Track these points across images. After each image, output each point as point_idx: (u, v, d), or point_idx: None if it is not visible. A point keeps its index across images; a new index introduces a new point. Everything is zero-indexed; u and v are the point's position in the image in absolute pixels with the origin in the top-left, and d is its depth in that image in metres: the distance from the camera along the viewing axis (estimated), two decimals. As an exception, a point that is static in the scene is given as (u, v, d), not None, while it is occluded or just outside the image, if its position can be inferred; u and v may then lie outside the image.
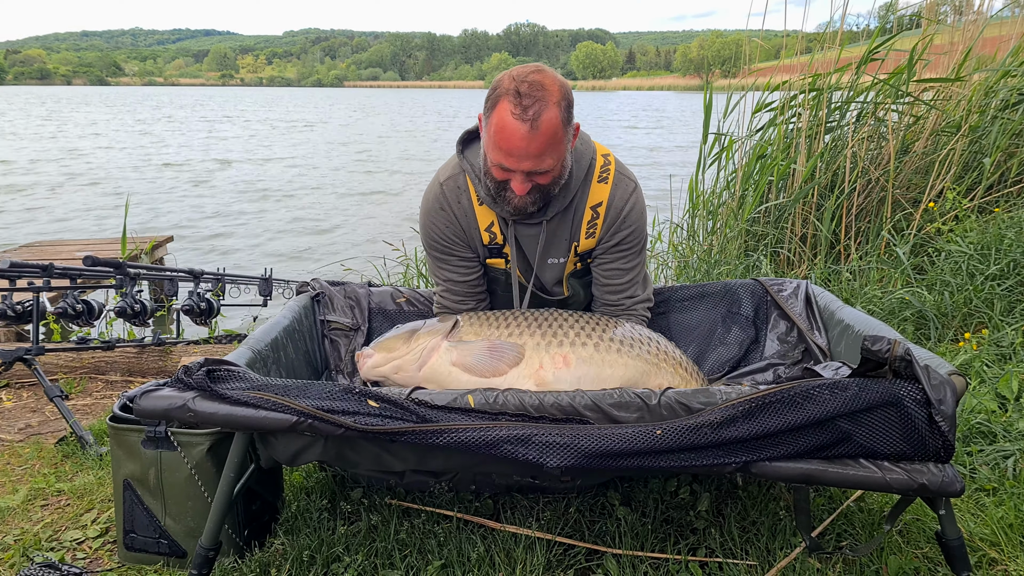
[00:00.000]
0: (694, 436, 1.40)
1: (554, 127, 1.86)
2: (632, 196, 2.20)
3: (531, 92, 1.84)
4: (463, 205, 2.19)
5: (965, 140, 4.46)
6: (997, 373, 2.82)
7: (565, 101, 1.90)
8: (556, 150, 1.91)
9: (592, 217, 2.18)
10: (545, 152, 1.89)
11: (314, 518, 2.09)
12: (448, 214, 2.20)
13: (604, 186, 2.17)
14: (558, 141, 1.90)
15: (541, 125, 1.84)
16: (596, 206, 2.17)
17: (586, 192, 2.16)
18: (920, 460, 1.46)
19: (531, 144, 1.85)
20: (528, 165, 1.90)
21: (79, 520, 2.26)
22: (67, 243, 8.39)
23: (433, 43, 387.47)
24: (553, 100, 1.86)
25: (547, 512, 2.14)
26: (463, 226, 2.21)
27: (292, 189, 16.14)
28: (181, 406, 1.47)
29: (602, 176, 2.17)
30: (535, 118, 1.83)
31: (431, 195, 2.24)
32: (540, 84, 1.86)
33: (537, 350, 1.94)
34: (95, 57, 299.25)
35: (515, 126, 1.84)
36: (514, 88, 1.85)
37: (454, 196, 2.19)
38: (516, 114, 1.83)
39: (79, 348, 3.56)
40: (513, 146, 1.86)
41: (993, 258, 3.61)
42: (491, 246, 2.23)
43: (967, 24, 5.07)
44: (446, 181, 2.21)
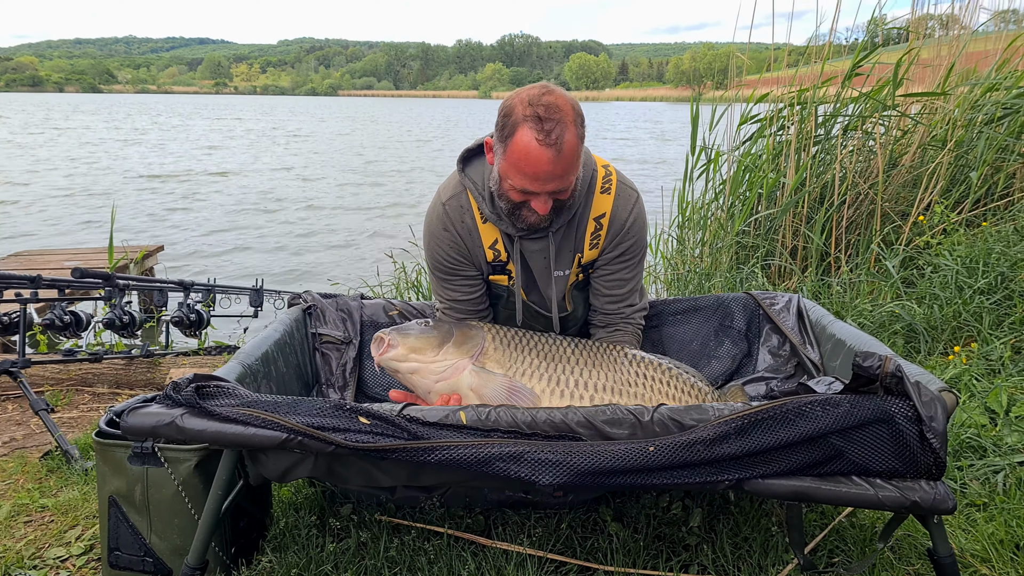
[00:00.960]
0: (687, 453, 1.39)
1: (575, 147, 1.91)
2: (634, 207, 2.22)
3: (550, 116, 1.86)
4: (467, 224, 2.20)
5: (951, 154, 4.49)
6: (986, 387, 2.83)
7: (579, 118, 1.94)
8: (576, 168, 1.96)
9: (596, 228, 2.20)
10: (568, 173, 1.93)
11: (303, 535, 2.07)
12: (452, 234, 2.21)
13: (607, 197, 2.19)
14: (577, 159, 1.94)
15: (564, 147, 1.87)
16: (599, 217, 2.19)
17: (589, 204, 2.18)
18: (912, 477, 1.46)
19: (556, 167, 1.89)
20: (553, 186, 1.93)
21: (63, 537, 2.23)
22: (55, 252, 8.33)
23: (427, 53, 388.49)
24: (570, 120, 1.89)
25: (538, 528, 2.12)
26: (467, 245, 2.22)
27: (286, 198, 16.12)
28: (169, 423, 1.45)
29: (604, 187, 2.19)
30: (558, 141, 1.86)
31: (434, 215, 2.24)
32: (556, 106, 1.88)
33: (542, 397, 1.99)
34: (88, 65, 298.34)
35: (540, 152, 1.86)
36: (533, 113, 1.86)
37: (457, 216, 2.20)
38: (540, 140, 1.85)
39: (66, 360, 3.53)
40: (540, 171, 1.89)
41: (981, 272, 3.63)
42: (494, 263, 2.23)
43: (952, 39, 5.12)
44: (448, 201, 2.21)
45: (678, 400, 2.08)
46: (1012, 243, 3.83)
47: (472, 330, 2.08)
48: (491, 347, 2.05)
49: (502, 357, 2.03)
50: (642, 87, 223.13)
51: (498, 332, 2.11)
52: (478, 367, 1.99)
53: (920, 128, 4.81)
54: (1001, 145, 4.49)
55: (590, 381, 2.02)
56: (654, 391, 2.06)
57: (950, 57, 4.92)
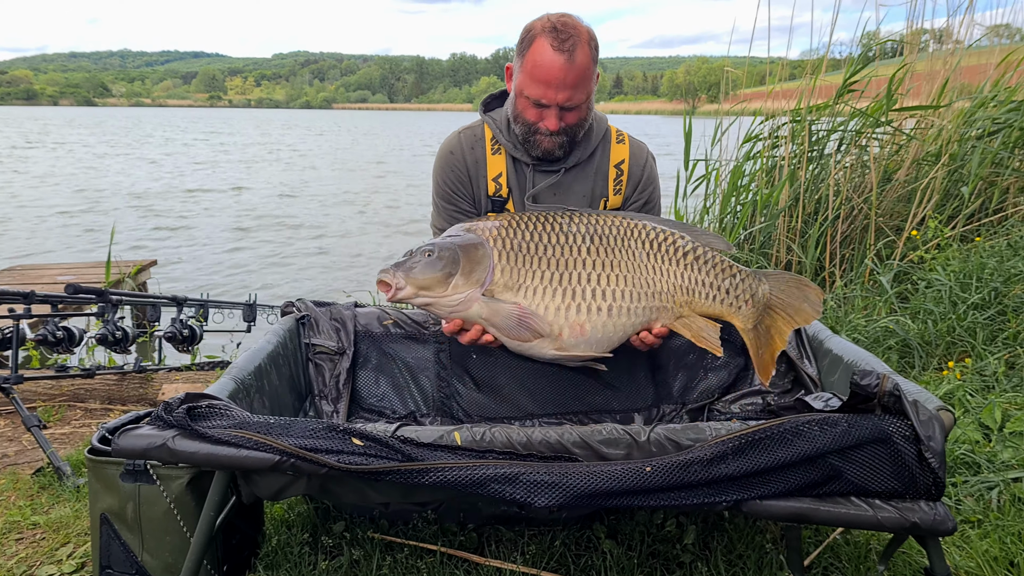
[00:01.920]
0: (684, 473, 1.39)
1: (587, 62, 2.05)
2: (648, 157, 2.39)
3: (566, 30, 2.02)
4: (475, 152, 2.31)
5: (945, 169, 4.51)
6: (981, 403, 2.83)
7: (594, 41, 2.09)
8: (587, 86, 2.08)
9: (617, 175, 2.33)
10: (580, 84, 2.05)
11: (295, 552, 2.05)
12: (457, 158, 2.32)
13: (623, 146, 2.34)
14: (589, 78, 2.08)
15: (577, 58, 2.01)
16: (619, 164, 2.33)
17: (607, 152, 2.32)
18: (911, 498, 1.44)
19: (568, 75, 2.02)
20: (564, 96, 2.05)
21: (54, 555, 2.21)
22: (49, 267, 8.31)
23: (422, 66, 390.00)
24: (585, 40, 2.05)
25: (532, 546, 2.11)
26: (470, 174, 2.31)
27: (279, 212, 16.12)
28: (160, 446, 1.44)
29: (619, 138, 2.35)
30: (572, 50, 2.00)
31: (447, 141, 2.37)
32: (573, 25, 2.05)
33: (558, 315, 2.00)
34: (82, 78, 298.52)
35: (554, 57, 2.00)
36: (550, 26, 2.02)
37: (468, 143, 2.32)
38: (555, 46, 2.00)
39: (58, 376, 3.50)
40: (552, 76, 2.02)
41: (975, 287, 3.64)
42: (495, 198, 2.30)
43: (946, 53, 5.15)
44: (463, 131, 2.36)
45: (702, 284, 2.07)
46: (1005, 258, 3.85)
47: (478, 250, 2.01)
48: (499, 269, 2.03)
49: (511, 280, 2.02)
50: (636, 100, 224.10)
51: (505, 245, 2.04)
52: (487, 298, 2.01)
53: (914, 143, 4.84)
54: (995, 160, 4.52)
55: (607, 289, 2.02)
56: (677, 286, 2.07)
57: (944, 71, 4.96)
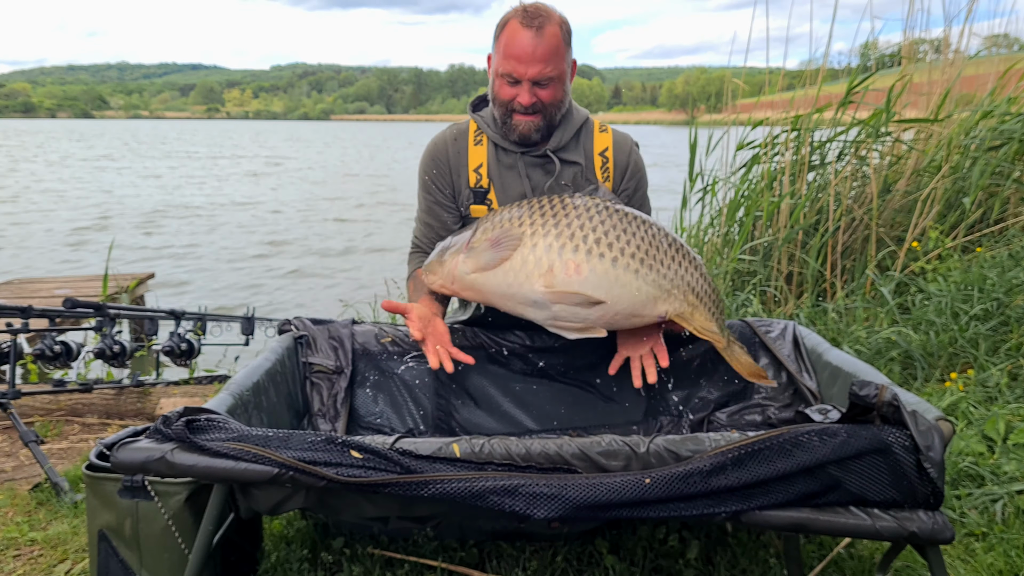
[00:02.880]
0: (683, 485, 1.37)
1: (557, 38, 2.13)
2: (633, 146, 2.44)
3: (536, 11, 2.14)
4: (458, 143, 2.38)
5: (947, 180, 4.51)
6: (984, 414, 2.82)
7: (565, 26, 2.18)
8: (559, 61, 2.15)
9: (603, 163, 2.39)
10: (550, 59, 2.13)
11: (294, 569, 2.03)
12: (440, 149, 2.40)
13: (606, 135, 2.41)
14: (560, 55, 2.15)
15: (545, 33, 2.11)
16: (603, 151, 2.39)
17: (590, 139, 2.39)
18: (910, 507, 1.44)
19: (538, 48, 2.10)
20: (535, 71, 2.12)
21: (52, 572, 2.19)
22: (46, 280, 8.30)
23: (420, 77, 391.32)
24: (556, 20, 2.14)
25: (533, 561, 2.09)
26: (451, 164, 2.38)
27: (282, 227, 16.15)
28: (159, 459, 1.43)
29: (602, 128, 2.43)
30: (540, 26, 2.10)
31: (433, 139, 2.45)
32: (543, 7, 2.17)
33: (549, 251, 1.95)
34: (80, 91, 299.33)
35: (522, 33, 2.10)
36: (521, 9, 2.15)
37: (451, 136, 2.41)
38: (524, 23, 2.11)
39: (56, 391, 3.48)
40: (522, 51, 2.11)
41: (976, 298, 3.63)
42: (476, 189, 2.37)
43: (945, 64, 5.16)
44: (451, 127, 2.45)
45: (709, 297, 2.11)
46: (1007, 268, 3.84)
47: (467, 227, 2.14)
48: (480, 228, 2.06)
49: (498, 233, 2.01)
50: (636, 111, 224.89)
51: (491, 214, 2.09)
52: (467, 252, 2.03)
53: (914, 154, 4.84)
54: (995, 170, 4.52)
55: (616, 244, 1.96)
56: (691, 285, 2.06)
57: (943, 82, 4.96)
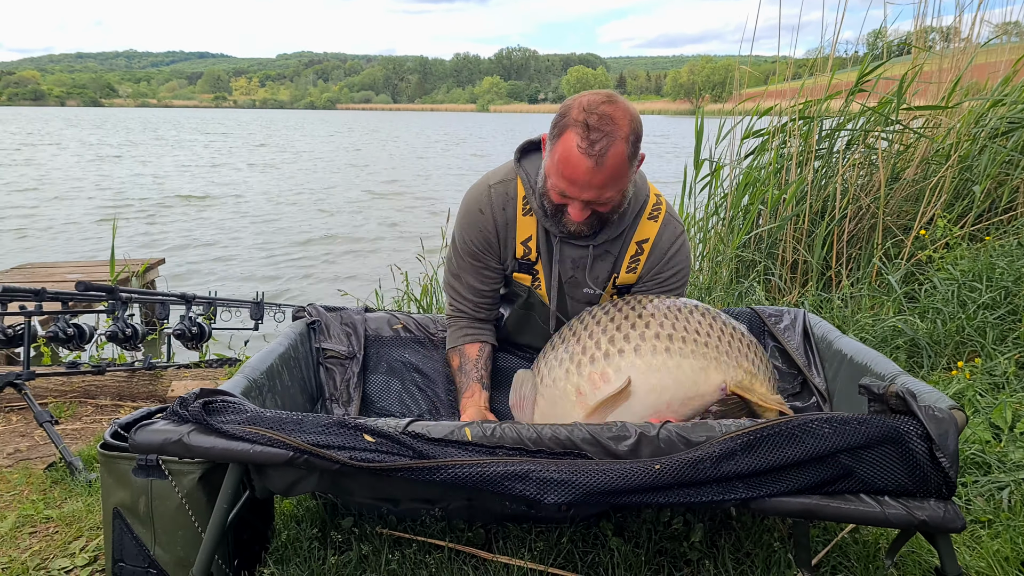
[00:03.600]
0: (693, 471, 1.39)
1: (619, 163, 1.86)
2: (679, 239, 2.19)
3: (600, 126, 1.82)
4: (507, 212, 2.16)
5: (955, 168, 4.50)
6: (991, 403, 2.83)
7: (633, 135, 1.89)
8: (619, 183, 1.92)
9: (636, 252, 2.16)
10: (607, 186, 1.89)
11: (304, 548, 2.06)
12: (487, 218, 2.17)
13: (654, 224, 2.16)
14: (622, 175, 1.90)
15: (607, 161, 1.83)
16: (642, 242, 2.16)
17: (634, 227, 2.15)
18: (922, 496, 1.44)
19: (594, 177, 1.86)
20: (589, 196, 1.91)
21: (67, 548, 2.23)
22: (59, 265, 8.35)
23: (425, 66, 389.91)
24: (621, 135, 1.85)
25: (539, 542, 2.12)
26: (499, 235, 2.18)
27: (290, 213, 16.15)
28: (177, 441, 1.46)
29: (652, 214, 2.16)
30: (601, 153, 1.82)
31: (476, 194, 2.20)
32: (610, 118, 1.84)
33: (569, 377, 1.87)
34: (89, 79, 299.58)
35: (580, 160, 1.83)
36: (584, 120, 1.83)
37: (500, 201, 2.16)
38: (583, 148, 1.82)
39: (69, 372, 3.53)
40: (576, 178, 1.87)
41: (985, 287, 3.63)
42: (523, 260, 2.20)
43: (956, 52, 5.13)
44: (496, 184, 2.18)
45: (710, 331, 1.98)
46: (1016, 257, 3.83)
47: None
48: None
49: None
50: (640, 100, 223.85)
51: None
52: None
53: (923, 142, 4.82)
54: (1005, 159, 4.50)
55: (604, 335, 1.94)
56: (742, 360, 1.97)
57: (954, 70, 4.93)
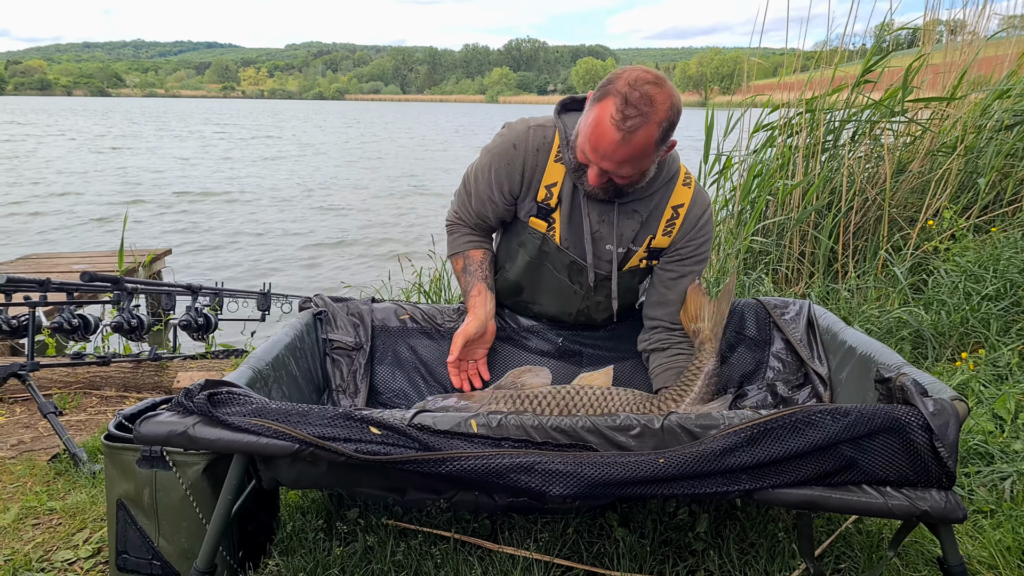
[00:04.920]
0: (697, 464, 1.39)
1: (646, 144, 1.90)
2: (709, 209, 2.28)
3: (639, 104, 1.85)
4: (539, 155, 2.20)
5: (961, 160, 4.48)
6: (994, 393, 2.82)
7: (668, 122, 1.91)
8: (639, 163, 1.97)
9: (672, 216, 2.23)
10: (628, 162, 1.94)
11: (310, 539, 2.07)
12: (519, 153, 2.21)
13: (688, 190, 2.24)
14: (644, 156, 1.95)
15: (634, 139, 1.87)
16: (677, 207, 2.23)
17: (669, 193, 2.22)
18: (923, 486, 1.45)
19: (617, 151, 1.90)
20: (608, 166, 1.96)
21: (71, 540, 2.24)
22: (64, 255, 8.37)
23: (435, 57, 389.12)
24: (656, 119, 1.87)
25: (545, 533, 2.12)
26: (527, 174, 2.22)
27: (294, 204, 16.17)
28: (182, 433, 1.46)
29: (686, 181, 2.25)
30: (631, 130, 1.86)
31: (513, 132, 2.24)
32: (650, 99, 1.86)
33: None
34: (96, 68, 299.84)
35: (609, 130, 1.87)
36: (625, 93, 1.85)
37: (536, 142, 2.20)
38: (615, 120, 1.86)
39: (74, 363, 3.54)
40: (599, 145, 1.91)
41: (990, 278, 3.61)
42: (542, 204, 2.23)
43: (963, 45, 5.10)
44: (535, 127, 2.23)
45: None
46: (1021, 249, 3.81)
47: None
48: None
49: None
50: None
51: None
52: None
53: (929, 134, 4.80)
54: (1011, 151, 4.48)
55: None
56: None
57: (961, 62, 4.90)
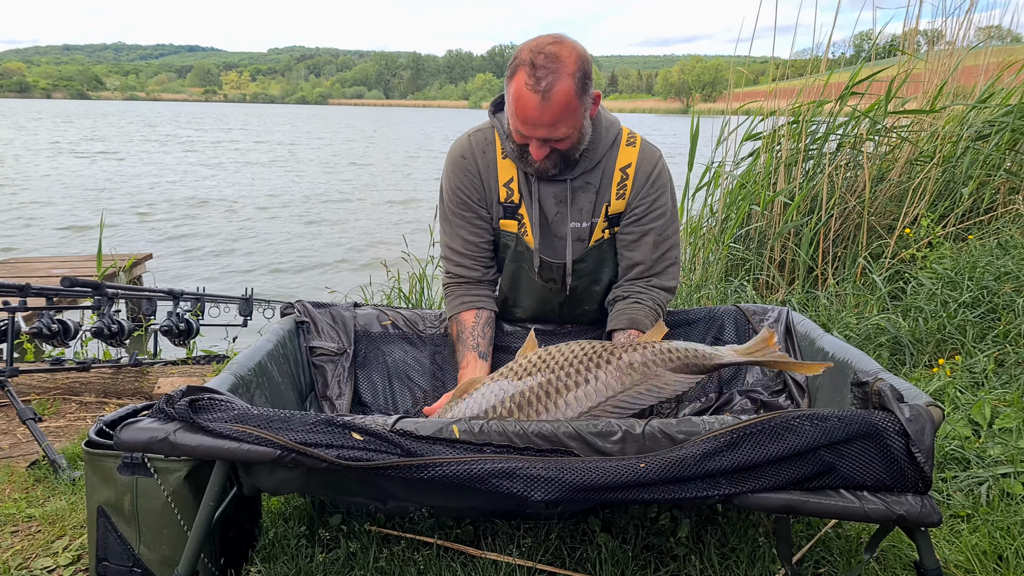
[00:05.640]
0: (678, 468, 1.40)
1: (567, 98, 1.94)
2: (659, 162, 2.27)
3: (546, 64, 1.92)
4: (487, 156, 2.26)
5: (939, 169, 4.55)
6: (970, 399, 2.86)
7: (581, 72, 1.97)
8: (570, 119, 2.00)
9: (622, 179, 2.24)
10: (559, 121, 1.98)
11: (292, 545, 2.06)
12: (469, 162, 2.27)
13: (632, 149, 2.25)
14: (571, 111, 1.98)
15: (553, 96, 1.92)
16: (625, 167, 2.24)
17: (614, 155, 2.24)
18: (899, 491, 1.47)
19: (543, 114, 1.95)
20: (542, 133, 2.00)
21: (50, 547, 2.22)
22: (44, 260, 8.29)
23: (418, 63, 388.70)
24: (567, 72, 1.93)
25: (528, 539, 2.13)
26: (482, 178, 2.27)
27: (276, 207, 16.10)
28: (163, 439, 1.45)
29: (630, 141, 2.26)
30: (547, 89, 1.91)
31: (457, 145, 2.32)
32: (556, 56, 1.93)
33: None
34: (76, 71, 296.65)
35: (528, 96, 1.93)
36: (530, 59, 1.93)
37: (479, 147, 2.27)
38: (530, 85, 1.92)
39: (54, 369, 3.50)
40: (527, 115, 1.97)
41: (966, 285, 3.67)
42: (507, 204, 2.27)
43: (942, 55, 5.18)
44: (474, 133, 2.31)
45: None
46: (996, 256, 3.88)
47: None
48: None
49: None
50: (631, 99, 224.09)
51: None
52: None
53: (908, 144, 4.87)
54: (988, 161, 4.56)
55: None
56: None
57: (940, 73, 4.99)
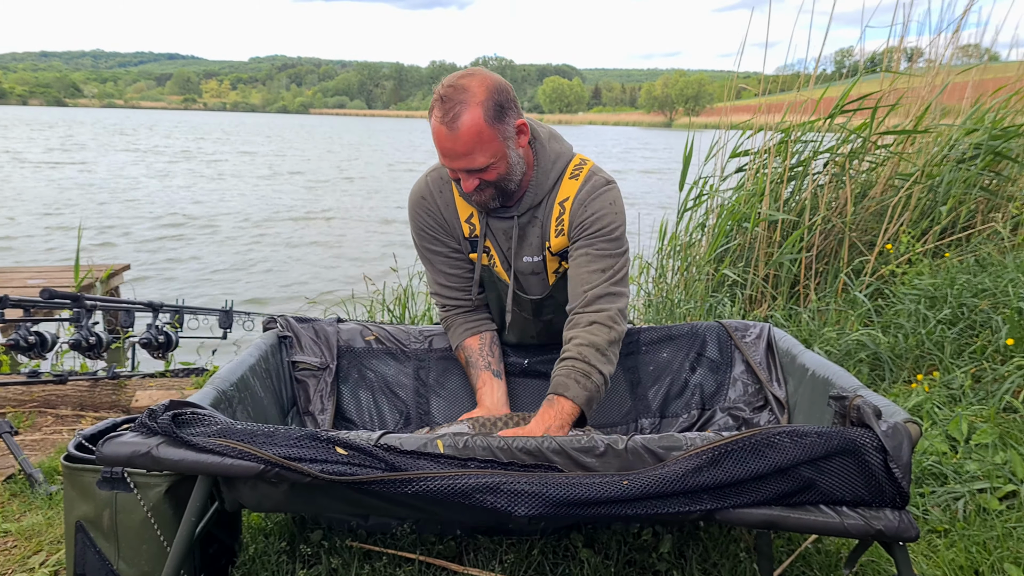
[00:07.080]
0: (660, 484, 1.41)
1: (476, 127, 1.94)
2: (601, 193, 2.18)
3: (453, 95, 1.94)
4: (444, 195, 2.29)
5: (922, 187, 4.62)
6: (948, 415, 2.90)
7: (492, 101, 1.97)
8: (485, 149, 1.98)
9: (559, 213, 2.21)
10: (472, 151, 1.97)
11: (272, 561, 2.05)
12: (429, 203, 2.30)
13: (574, 182, 2.21)
14: (484, 140, 1.97)
15: (461, 127, 1.93)
16: (563, 201, 2.21)
17: (556, 189, 2.21)
18: (877, 506, 1.49)
19: (456, 144, 1.96)
20: (461, 164, 2.00)
21: (26, 563, 2.18)
22: (19, 270, 8.17)
23: (401, 73, 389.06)
24: (475, 101, 1.94)
25: (510, 554, 2.13)
26: (445, 216, 2.30)
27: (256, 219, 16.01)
28: (146, 453, 1.44)
29: (574, 174, 2.22)
30: (453, 121, 1.93)
31: (416, 188, 2.34)
32: (464, 87, 1.95)
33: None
34: (53, 78, 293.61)
35: (439, 129, 1.96)
36: (440, 94, 1.97)
37: (436, 187, 2.29)
38: (438, 117, 1.96)
39: (30, 382, 3.45)
40: (442, 148, 1.99)
41: (945, 302, 3.72)
42: (471, 239, 2.30)
43: (929, 73, 5.25)
44: (430, 173, 2.32)
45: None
46: (974, 274, 3.94)
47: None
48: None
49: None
50: (615, 112, 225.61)
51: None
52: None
53: (890, 162, 4.94)
54: (968, 180, 4.65)
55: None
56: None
57: (926, 89, 5.07)
